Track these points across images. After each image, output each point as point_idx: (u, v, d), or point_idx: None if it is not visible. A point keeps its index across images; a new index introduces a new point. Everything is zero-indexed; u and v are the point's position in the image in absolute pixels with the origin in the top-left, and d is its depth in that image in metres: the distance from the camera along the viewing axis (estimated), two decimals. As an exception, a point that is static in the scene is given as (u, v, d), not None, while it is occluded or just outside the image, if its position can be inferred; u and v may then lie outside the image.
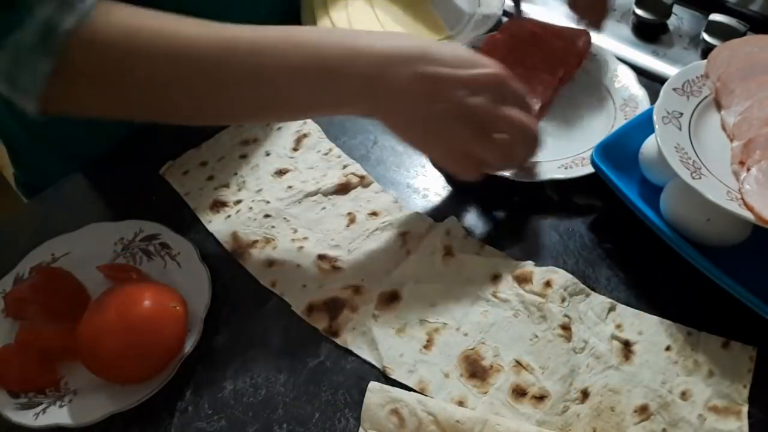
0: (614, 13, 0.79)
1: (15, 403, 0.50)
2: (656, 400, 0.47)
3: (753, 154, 0.50)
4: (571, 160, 0.62)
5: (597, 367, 0.49)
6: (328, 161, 0.66)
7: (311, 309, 0.55)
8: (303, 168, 0.66)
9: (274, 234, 0.60)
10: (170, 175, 0.66)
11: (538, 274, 0.54)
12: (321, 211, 0.62)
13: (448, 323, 0.53)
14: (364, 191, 0.63)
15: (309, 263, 0.58)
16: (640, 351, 0.50)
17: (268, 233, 0.60)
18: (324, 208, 0.62)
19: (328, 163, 0.66)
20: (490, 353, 0.51)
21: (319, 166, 0.66)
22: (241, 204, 0.63)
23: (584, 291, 0.53)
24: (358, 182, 0.64)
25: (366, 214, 0.61)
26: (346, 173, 0.64)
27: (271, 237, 0.60)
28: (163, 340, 0.50)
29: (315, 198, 0.63)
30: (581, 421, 0.47)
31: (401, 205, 0.62)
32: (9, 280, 0.57)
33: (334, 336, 0.53)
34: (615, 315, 0.52)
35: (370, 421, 0.47)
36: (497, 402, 0.49)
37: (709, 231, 0.51)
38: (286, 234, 0.60)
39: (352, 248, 0.59)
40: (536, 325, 0.52)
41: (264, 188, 0.64)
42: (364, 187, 0.63)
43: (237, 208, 0.63)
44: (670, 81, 0.57)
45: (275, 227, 0.61)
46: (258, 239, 0.60)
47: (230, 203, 0.63)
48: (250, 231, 0.60)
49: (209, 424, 0.50)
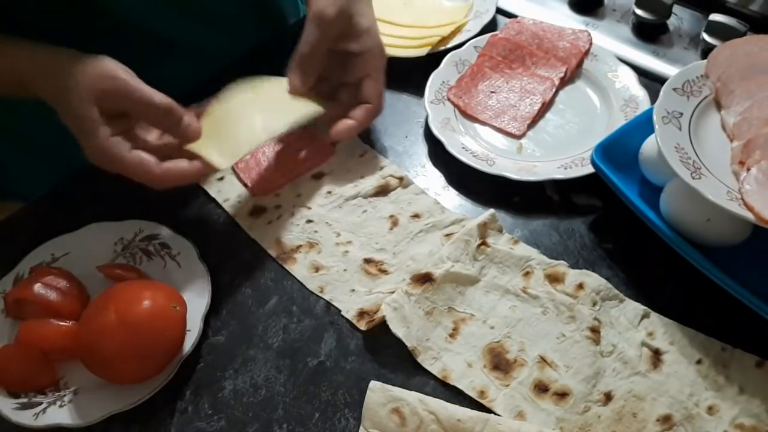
0: (614, 13, 0.79)
1: (15, 403, 0.50)
2: (681, 412, 0.47)
3: (753, 154, 0.50)
4: (571, 160, 0.62)
5: (623, 372, 0.49)
6: (363, 164, 0.66)
7: (362, 314, 0.54)
8: (339, 171, 0.65)
9: (317, 238, 0.60)
10: (206, 181, 0.66)
11: (571, 275, 0.54)
12: (362, 214, 0.62)
13: (475, 315, 0.53)
14: (404, 192, 0.63)
15: (356, 267, 0.58)
16: (670, 361, 0.50)
17: (311, 238, 0.60)
18: (365, 212, 0.62)
19: (364, 165, 0.66)
20: (515, 347, 0.51)
21: (356, 168, 0.65)
22: (282, 209, 0.63)
23: (618, 296, 0.53)
24: (397, 184, 0.63)
25: (408, 216, 0.61)
26: (383, 175, 0.64)
27: (315, 241, 0.60)
28: (163, 340, 0.50)
29: (355, 201, 0.63)
30: (601, 423, 0.47)
31: (443, 206, 0.62)
32: (9, 280, 0.57)
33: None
34: (648, 322, 0.52)
35: (371, 420, 0.47)
36: (518, 396, 0.49)
37: (709, 231, 0.51)
38: (329, 238, 0.60)
39: (397, 251, 0.59)
40: (565, 325, 0.52)
41: (303, 193, 0.64)
42: (404, 188, 0.63)
43: (277, 213, 0.62)
44: (670, 81, 0.57)
45: (318, 232, 0.61)
46: (302, 244, 0.60)
47: (269, 208, 0.63)
48: (294, 236, 0.60)
49: (209, 424, 0.50)
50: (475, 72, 0.72)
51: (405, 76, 0.74)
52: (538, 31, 0.74)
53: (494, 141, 0.67)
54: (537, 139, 0.67)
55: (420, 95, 0.70)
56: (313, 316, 0.55)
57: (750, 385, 0.48)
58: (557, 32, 0.74)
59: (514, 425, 0.46)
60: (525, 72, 0.72)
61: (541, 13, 0.80)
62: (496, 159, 0.64)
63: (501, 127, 0.68)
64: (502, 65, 0.72)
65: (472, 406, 0.48)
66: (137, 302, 0.50)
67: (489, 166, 0.62)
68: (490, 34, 0.75)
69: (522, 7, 0.81)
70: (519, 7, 0.81)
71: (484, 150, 0.65)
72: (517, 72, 0.72)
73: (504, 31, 0.75)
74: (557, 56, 0.72)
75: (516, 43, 0.73)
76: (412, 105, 0.72)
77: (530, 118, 0.68)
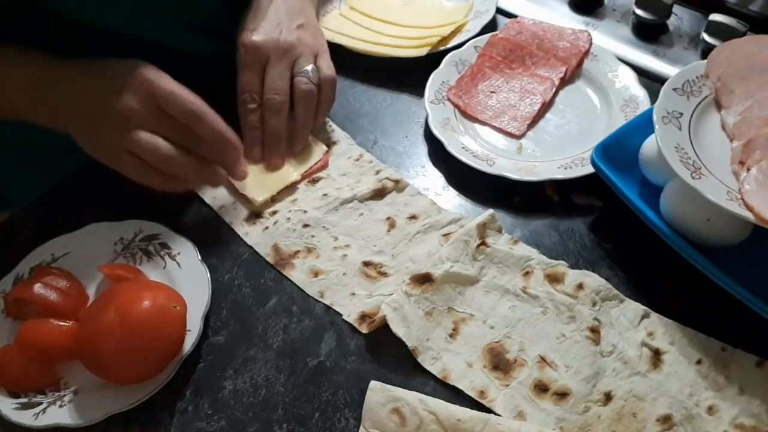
0: (614, 13, 0.79)
1: (15, 403, 0.50)
2: (681, 412, 0.47)
3: (753, 154, 0.50)
4: (571, 160, 0.62)
5: (623, 372, 0.49)
6: (360, 167, 0.66)
7: (363, 318, 0.54)
8: (336, 175, 0.65)
9: (315, 243, 0.60)
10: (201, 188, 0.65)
11: (570, 276, 0.54)
12: (359, 217, 0.62)
13: (474, 315, 0.53)
14: (400, 195, 0.63)
15: (355, 271, 0.58)
16: (670, 361, 0.50)
17: (309, 243, 0.60)
18: (362, 215, 0.62)
19: (360, 168, 0.66)
20: (515, 347, 0.51)
21: (352, 172, 0.65)
22: (278, 215, 0.62)
23: (618, 297, 0.53)
24: (393, 186, 0.63)
25: (405, 218, 0.61)
26: (380, 178, 0.64)
27: (313, 246, 0.60)
28: (163, 340, 0.50)
29: (351, 204, 0.63)
30: (602, 423, 0.47)
31: (439, 207, 0.62)
32: (9, 280, 0.57)
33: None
34: (648, 322, 0.52)
35: (371, 420, 0.47)
36: (518, 395, 0.49)
37: (709, 231, 0.51)
38: (327, 242, 0.60)
39: (395, 253, 0.59)
40: (564, 325, 0.52)
41: (299, 197, 0.64)
42: (400, 191, 0.63)
43: (274, 219, 0.62)
44: (670, 81, 0.57)
45: (315, 236, 0.60)
46: (300, 249, 0.60)
47: (265, 214, 0.63)
48: (291, 242, 0.60)
49: (209, 424, 0.50)
50: (475, 72, 0.72)
51: (405, 76, 0.74)
52: (538, 31, 0.74)
53: (494, 141, 0.67)
54: (537, 139, 0.67)
55: (420, 95, 0.70)
56: (313, 316, 0.55)
57: (750, 385, 0.48)
58: (557, 32, 0.74)
59: (514, 425, 0.46)
60: (525, 72, 0.72)
61: (541, 13, 0.80)
62: (496, 159, 0.64)
63: (501, 127, 0.68)
64: (502, 65, 0.73)
65: (472, 406, 0.48)
66: (137, 302, 0.50)
67: (489, 166, 0.62)
68: (490, 34, 0.75)
69: (522, 7, 0.81)
70: (519, 7, 0.81)
71: (484, 150, 0.65)
72: (517, 72, 0.72)
73: (504, 31, 0.75)
74: (557, 56, 0.72)
75: (516, 43, 0.74)
76: (412, 105, 0.72)
77: (530, 118, 0.68)
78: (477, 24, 0.77)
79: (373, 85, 0.75)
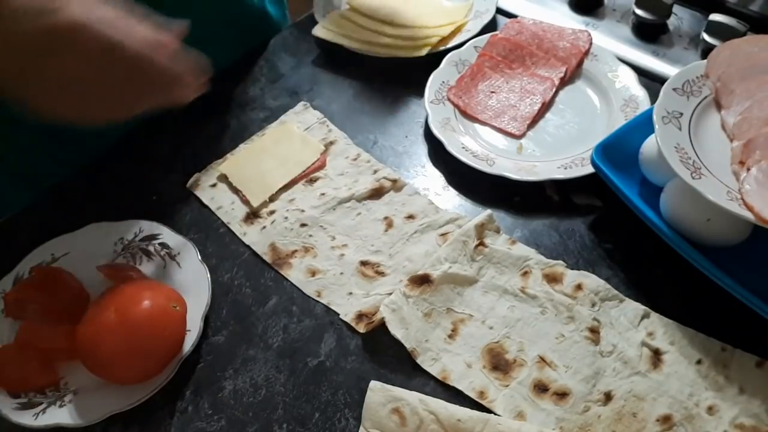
0: (614, 13, 0.79)
1: (15, 403, 0.50)
2: (681, 412, 0.47)
3: (753, 154, 0.50)
4: (571, 160, 0.62)
5: (623, 372, 0.49)
6: (357, 167, 0.66)
7: (360, 317, 0.54)
8: (333, 175, 0.65)
9: (312, 243, 0.60)
10: (198, 188, 0.65)
11: (569, 276, 0.54)
12: (357, 216, 0.62)
13: (473, 315, 0.53)
14: (397, 195, 0.63)
15: (352, 270, 0.58)
16: (670, 361, 0.50)
17: (306, 242, 0.60)
18: (359, 214, 0.62)
19: (358, 168, 0.66)
20: (515, 348, 0.51)
21: (349, 171, 0.66)
22: (275, 214, 0.62)
23: (617, 297, 0.53)
24: (390, 186, 0.63)
25: (402, 217, 0.61)
26: (377, 178, 0.64)
27: (310, 246, 0.60)
28: (163, 340, 0.50)
29: (349, 204, 0.63)
30: (601, 422, 0.47)
31: (437, 206, 0.62)
32: (9, 280, 0.57)
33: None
34: (648, 322, 0.52)
35: (371, 419, 0.47)
36: (518, 396, 0.49)
37: (709, 231, 0.51)
38: (324, 242, 0.60)
39: (393, 252, 0.59)
40: (564, 325, 0.52)
41: (296, 197, 0.64)
42: (397, 191, 0.63)
43: (271, 218, 0.62)
44: (670, 81, 0.57)
45: (313, 236, 0.61)
46: (297, 249, 0.60)
47: (263, 214, 0.63)
48: (288, 241, 0.60)
49: (209, 424, 0.50)
50: (475, 72, 0.72)
51: (405, 76, 0.74)
52: (538, 31, 0.74)
53: (494, 141, 0.67)
54: (537, 139, 0.67)
55: (420, 95, 0.70)
56: (313, 316, 0.55)
57: (750, 385, 0.48)
58: (557, 32, 0.74)
59: (514, 425, 0.46)
60: (525, 72, 0.72)
61: (541, 13, 0.80)
62: (496, 159, 0.64)
63: (501, 127, 0.68)
64: (502, 65, 0.73)
65: (471, 406, 0.48)
66: (137, 302, 0.50)
67: (489, 166, 0.62)
68: (490, 34, 0.75)
69: (522, 7, 0.81)
70: (519, 7, 0.81)
71: (484, 150, 0.65)
72: (517, 72, 0.72)
73: (504, 31, 0.75)
74: (557, 56, 0.72)
75: (516, 43, 0.74)
76: (412, 105, 0.72)
77: (530, 118, 0.68)
78: (477, 24, 0.77)
79: (373, 85, 0.75)
